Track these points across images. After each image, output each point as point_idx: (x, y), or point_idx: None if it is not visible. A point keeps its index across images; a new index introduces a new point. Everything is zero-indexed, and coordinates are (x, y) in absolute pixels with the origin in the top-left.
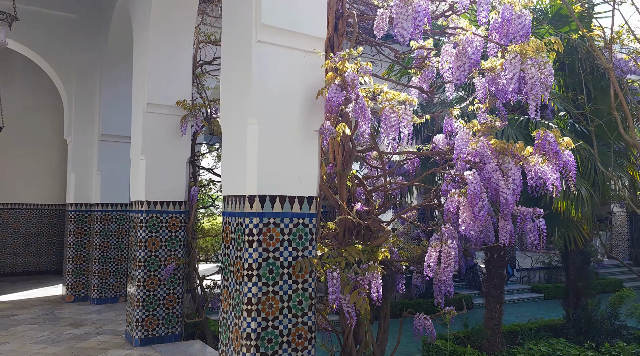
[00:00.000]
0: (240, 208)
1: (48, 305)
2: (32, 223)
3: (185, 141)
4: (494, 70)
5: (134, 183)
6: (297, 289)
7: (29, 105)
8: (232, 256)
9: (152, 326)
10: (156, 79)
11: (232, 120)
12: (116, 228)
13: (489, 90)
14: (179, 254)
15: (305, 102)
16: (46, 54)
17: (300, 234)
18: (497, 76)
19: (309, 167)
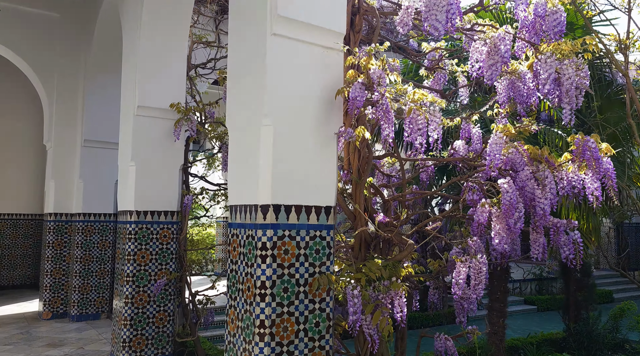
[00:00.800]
0: (251, 219)
1: (23, 323)
2: (6, 234)
3: (178, 146)
4: (515, 73)
5: (122, 191)
6: (314, 310)
7: (5, 108)
8: (240, 273)
9: (141, 347)
10: (148, 81)
11: (242, 122)
12: (99, 239)
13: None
14: (170, 268)
15: (322, 103)
16: (25, 55)
17: (317, 248)
18: (519, 78)
19: (326, 174)
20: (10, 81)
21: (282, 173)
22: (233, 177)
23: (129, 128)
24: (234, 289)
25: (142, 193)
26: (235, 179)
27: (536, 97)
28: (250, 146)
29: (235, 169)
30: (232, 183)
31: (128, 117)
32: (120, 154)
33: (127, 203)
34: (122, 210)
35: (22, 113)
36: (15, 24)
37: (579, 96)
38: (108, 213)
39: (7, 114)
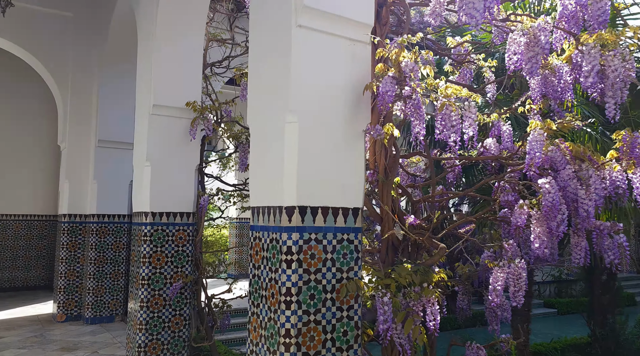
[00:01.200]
0: (275, 222)
1: (37, 325)
2: (21, 235)
3: (194, 146)
4: (549, 66)
5: (137, 192)
6: (342, 318)
7: (20, 109)
8: (263, 278)
9: (156, 352)
10: (163, 79)
11: (265, 119)
12: (113, 241)
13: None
14: (186, 271)
15: (349, 99)
16: (39, 55)
17: (344, 253)
18: (552, 73)
19: (353, 174)
20: (25, 82)
21: (307, 173)
22: (255, 177)
23: (144, 128)
24: (257, 296)
25: (158, 193)
26: (258, 179)
27: (571, 92)
28: (274, 144)
29: (257, 169)
30: (254, 183)
31: (143, 116)
32: (135, 154)
33: (142, 204)
34: (137, 211)
35: (37, 114)
36: (30, 24)
37: (623, 90)
38: (122, 214)
39: (21, 115)
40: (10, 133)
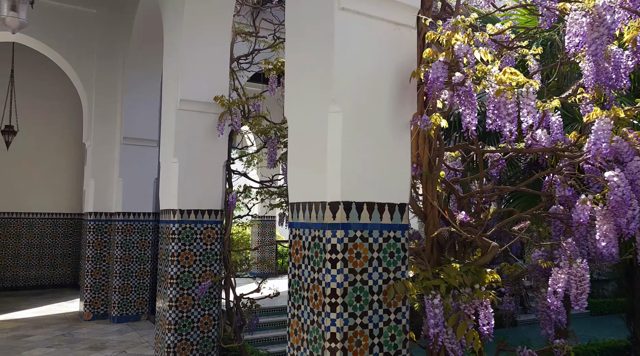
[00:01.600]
0: (318, 218)
1: (65, 324)
2: (47, 233)
3: (221, 141)
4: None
5: (164, 189)
6: (389, 321)
7: (44, 107)
8: (305, 278)
9: (186, 353)
10: (190, 74)
11: (305, 110)
12: (138, 239)
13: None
14: (214, 269)
15: (394, 87)
16: (64, 52)
17: (391, 251)
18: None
19: (399, 168)
20: (50, 81)
21: (352, 167)
22: (294, 171)
23: (171, 123)
24: (297, 297)
25: (186, 190)
26: (297, 173)
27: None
28: (315, 137)
29: (297, 163)
30: (293, 178)
31: (170, 112)
32: (162, 151)
33: (170, 202)
34: (164, 209)
35: (61, 113)
36: (54, 21)
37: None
38: (147, 212)
39: (47, 114)
40: (36, 132)
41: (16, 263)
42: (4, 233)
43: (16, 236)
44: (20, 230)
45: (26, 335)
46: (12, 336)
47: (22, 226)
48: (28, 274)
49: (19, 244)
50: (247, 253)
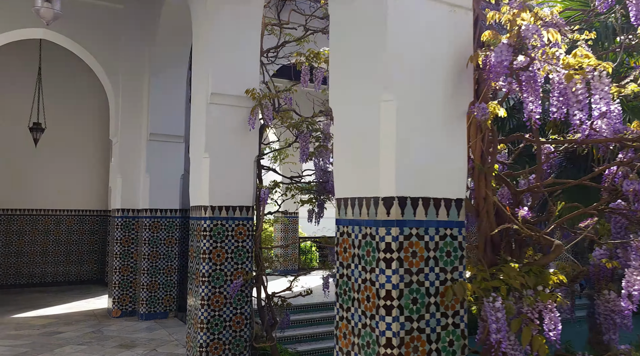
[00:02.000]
0: (369, 215)
1: (94, 320)
2: (74, 229)
3: (252, 136)
4: None
5: (195, 185)
6: (447, 326)
7: (71, 105)
8: (355, 279)
9: (218, 352)
10: (221, 67)
11: (353, 99)
12: (165, 236)
13: None
14: (246, 267)
15: (449, 73)
16: (91, 47)
17: (448, 250)
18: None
19: (455, 160)
20: (76, 77)
21: (407, 159)
22: (341, 165)
23: (201, 118)
24: (346, 298)
25: (217, 186)
26: (345, 167)
27: None
28: (366, 127)
29: (344, 156)
30: (340, 173)
31: (200, 106)
32: (192, 146)
33: (201, 198)
34: (195, 205)
35: (87, 109)
36: (81, 16)
37: None
38: (174, 209)
39: (73, 111)
40: (62, 129)
41: (44, 259)
42: (32, 229)
43: (44, 233)
44: (48, 227)
45: (57, 331)
46: (44, 333)
47: (50, 222)
48: (56, 271)
49: (47, 241)
50: (270, 251)
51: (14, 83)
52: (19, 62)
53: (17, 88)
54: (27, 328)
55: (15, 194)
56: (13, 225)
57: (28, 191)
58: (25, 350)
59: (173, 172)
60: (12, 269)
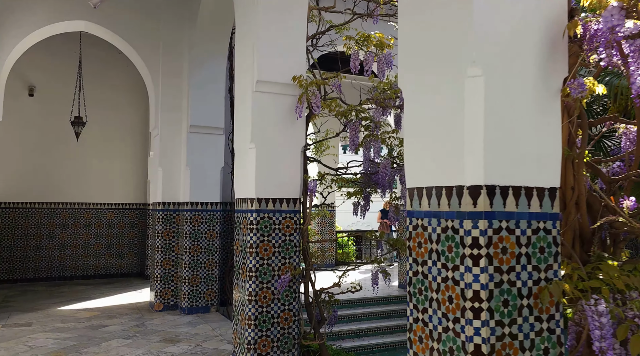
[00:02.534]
0: (451, 206)
1: (137, 314)
2: (114, 223)
3: (299, 125)
4: None
5: (240, 177)
6: (542, 331)
7: (111, 99)
8: (434, 277)
9: (266, 350)
10: (267, 53)
11: (429, 77)
12: (206, 229)
13: None
14: (294, 262)
15: (541, 45)
16: (131, 39)
17: (541, 246)
18: None
19: (548, 144)
20: (115, 70)
21: (495, 142)
22: (414, 151)
23: (247, 107)
24: (422, 299)
25: (264, 178)
26: (418, 153)
27: None
28: (447, 107)
29: (418, 141)
30: (413, 159)
31: (245, 95)
32: (237, 136)
33: (247, 190)
34: (240, 197)
35: (126, 103)
36: (122, 8)
37: None
38: (215, 202)
39: (112, 105)
40: (103, 123)
41: (87, 252)
42: (74, 223)
43: (86, 226)
44: (90, 220)
45: (102, 324)
46: (90, 326)
47: (92, 216)
48: (98, 264)
49: (89, 234)
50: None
51: (56, 77)
52: (61, 57)
53: (59, 82)
54: (73, 321)
55: (58, 188)
56: (56, 219)
57: (70, 184)
58: (73, 343)
59: (213, 164)
60: (56, 262)
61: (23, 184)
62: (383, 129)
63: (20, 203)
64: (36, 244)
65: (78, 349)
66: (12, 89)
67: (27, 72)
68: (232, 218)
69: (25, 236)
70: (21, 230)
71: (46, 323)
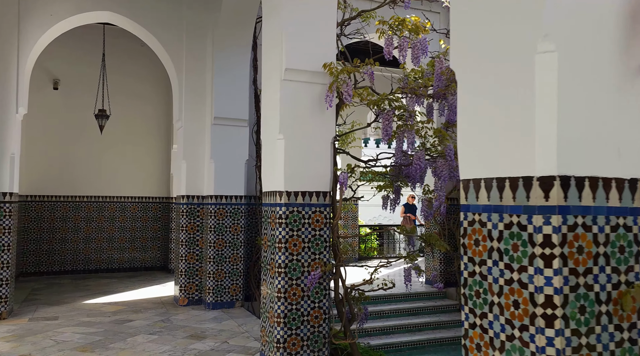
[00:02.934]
0: (517, 199)
1: (162, 309)
2: (137, 216)
3: (329, 115)
4: None
5: (268, 169)
6: (622, 342)
7: (134, 92)
8: (494, 279)
9: (296, 349)
10: (296, 40)
11: (489, 53)
12: (231, 223)
13: None
14: (324, 257)
15: (619, 18)
16: (155, 30)
17: (621, 245)
18: None
19: (628, 129)
20: (138, 62)
21: (571, 126)
22: (469, 138)
23: (275, 96)
24: (481, 302)
25: (293, 170)
26: (475, 140)
27: None
28: (512, 88)
29: (475, 126)
30: (468, 148)
31: (273, 83)
32: (265, 127)
33: (276, 183)
34: (268, 191)
35: (149, 96)
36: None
37: None
38: (239, 195)
39: (135, 98)
40: (126, 116)
41: (111, 246)
42: (99, 216)
43: (110, 220)
44: (114, 214)
45: (128, 319)
46: (115, 321)
47: (116, 209)
48: (122, 257)
49: (113, 227)
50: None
51: (80, 70)
52: (84, 50)
53: (83, 75)
54: (99, 315)
55: (82, 181)
56: (81, 212)
57: (94, 177)
58: (99, 338)
59: (238, 157)
60: (81, 256)
61: (48, 177)
62: (417, 118)
63: (45, 197)
64: (62, 237)
65: (104, 344)
66: (37, 83)
67: (52, 66)
68: (256, 212)
69: (51, 229)
70: (47, 223)
71: (72, 317)
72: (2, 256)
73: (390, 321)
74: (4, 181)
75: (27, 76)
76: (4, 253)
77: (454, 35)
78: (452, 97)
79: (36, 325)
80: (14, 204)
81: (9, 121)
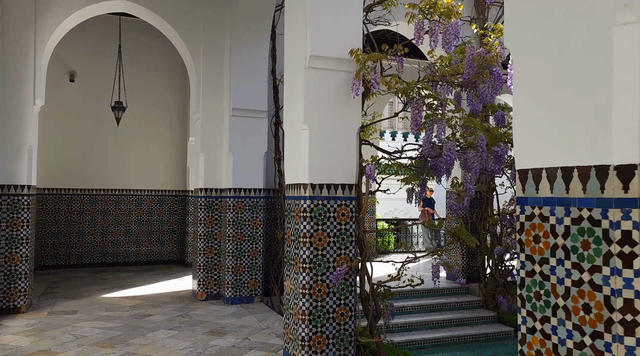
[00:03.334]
0: (588, 191)
1: (180, 303)
2: (154, 210)
3: (355, 104)
4: None
5: (291, 161)
6: None
7: (150, 85)
8: (559, 279)
9: (321, 347)
10: (321, 26)
11: (554, 28)
12: (250, 217)
13: None
14: (349, 253)
15: None
16: (172, 20)
17: None
18: None
19: None
20: (155, 54)
21: None
22: (528, 123)
23: (299, 84)
24: (542, 305)
25: (317, 162)
26: (535, 125)
27: None
28: (581, 65)
29: (535, 110)
30: (527, 133)
31: (297, 71)
32: (287, 117)
33: (300, 175)
34: (292, 183)
35: (165, 89)
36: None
37: None
38: (258, 188)
39: (151, 91)
40: (142, 108)
41: (128, 239)
42: (115, 209)
43: (127, 213)
44: (130, 207)
45: (146, 314)
46: (134, 315)
47: (132, 202)
48: (138, 250)
49: (130, 221)
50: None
51: (96, 63)
52: (100, 42)
53: (99, 67)
54: (117, 310)
55: (99, 174)
56: (98, 205)
57: (111, 170)
58: (118, 333)
59: (256, 149)
60: (98, 249)
61: (65, 170)
62: (449, 107)
63: (63, 190)
64: (79, 230)
65: (124, 340)
66: (53, 75)
67: (68, 58)
68: (276, 205)
69: (68, 222)
70: (64, 216)
71: (91, 311)
72: (21, 249)
73: (413, 318)
74: (22, 174)
75: (44, 68)
76: (23, 246)
77: (509, 9)
78: (484, 85)
79: (55, 319)
80: (32, 197)
81: (26, 113)
